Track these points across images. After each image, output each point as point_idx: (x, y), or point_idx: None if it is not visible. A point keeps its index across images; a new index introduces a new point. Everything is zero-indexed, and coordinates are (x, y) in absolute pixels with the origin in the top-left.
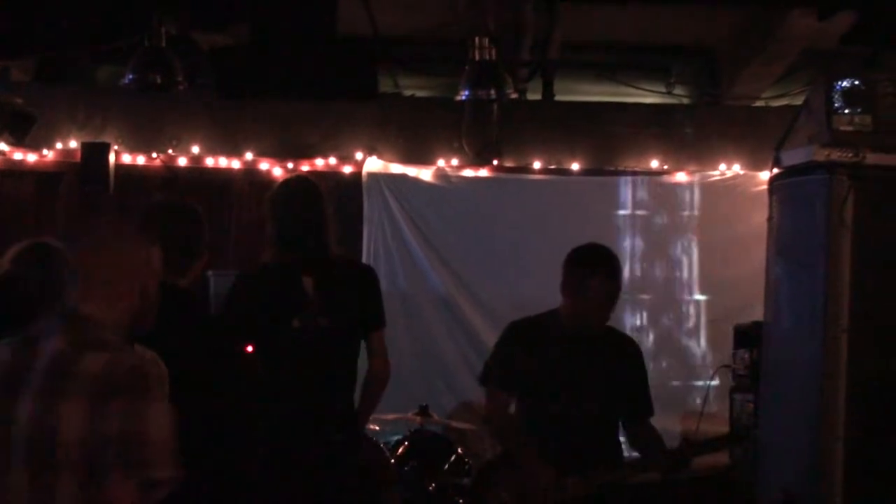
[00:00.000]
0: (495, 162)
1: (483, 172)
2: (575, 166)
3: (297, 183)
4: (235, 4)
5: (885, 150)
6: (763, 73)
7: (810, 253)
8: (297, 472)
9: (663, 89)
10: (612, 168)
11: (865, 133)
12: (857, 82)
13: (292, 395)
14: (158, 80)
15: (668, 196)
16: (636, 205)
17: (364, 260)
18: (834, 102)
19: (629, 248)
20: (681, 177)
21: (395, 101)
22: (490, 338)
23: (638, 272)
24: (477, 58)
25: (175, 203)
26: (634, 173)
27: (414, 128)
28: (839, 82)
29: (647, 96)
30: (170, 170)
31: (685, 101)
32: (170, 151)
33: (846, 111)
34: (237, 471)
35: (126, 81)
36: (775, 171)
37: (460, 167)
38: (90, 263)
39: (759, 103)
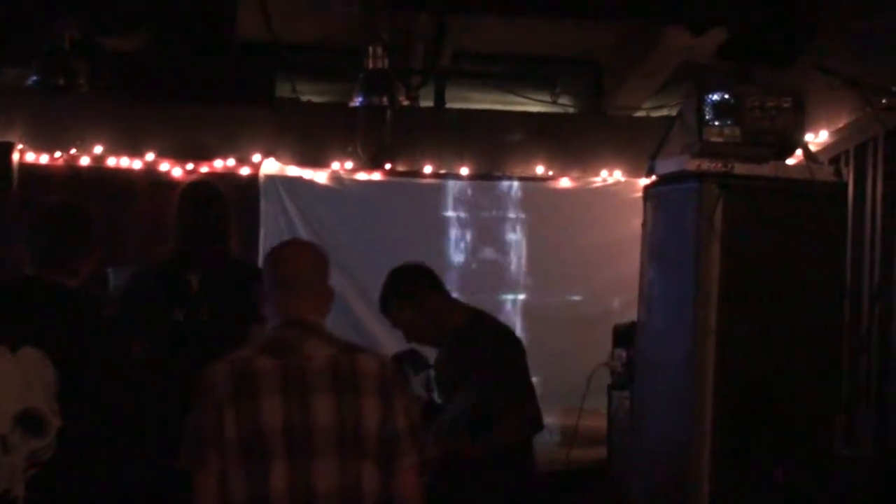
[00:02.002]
0: (388, 166)
1: (376, 176)
2: (464, 171)
3: (201, 185)
4: (137, 10)
5: (753, 160)
6: (643, 85)
7: (681, 258)
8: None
9: (550, 99)
10: (500, 174)
11: (734, 144)
12: (726, 96)
13: (174, 386)
14: (61, 82)
15: (551, 200)
16: (521, 208)
17: (260, 260)
18: (705, 115)
19: (516, 250)
20: (564, 182)
21: (292, 105)
22: (383, 338)
23: (523, 272)
24: (371, 66)
25: (65, 204)
26: (520, 179)
27: (310, 132)
28: (710, 95)
29: (535, 105)
30: (72, 169)
31: (570, 110)
32: (73, 151)
33: (716, 123)
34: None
35: (30, 82)
36: (650, 179)
37: (354, 170)
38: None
39: (639, 113)
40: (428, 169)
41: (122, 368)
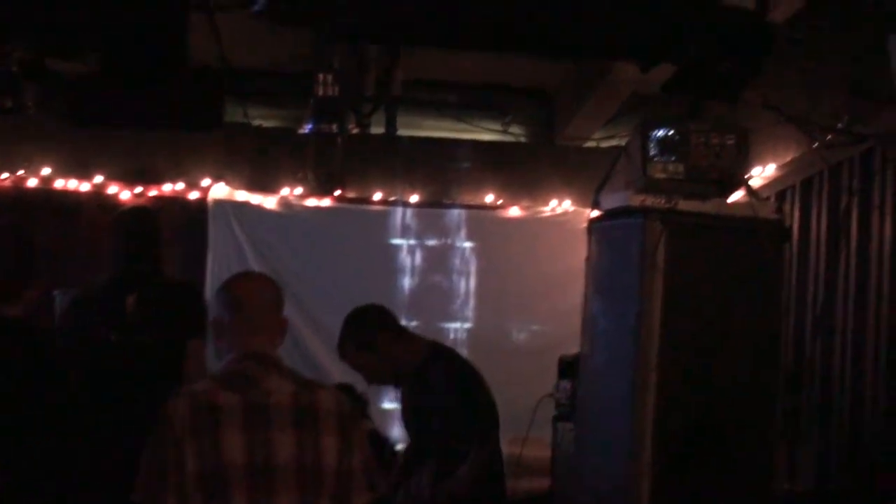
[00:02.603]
0: (338, 192)
1: (326, 202)
2: (414, 198)
3: (135, 210)
4: (86, 33)
5: (696, 196)
6: (594, 116)
7: (624, 293)
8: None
9: (501, 128)
10: (449, 201)
11: (678, 180)
12: (671, 132)
13: (111, 408)
14: (9, 104)
15: (501, 229)
16: (470, 237)
17: (208, 284)
18: (650, 150)
19: (464, 278)
20: (514, 211)
21: (243, 130)
22: (330, 364)
23: (471, 300)
24: (321, 93)
25: (3, 229)
26: (470, 207)
27: (260, 157)
28: (655, 131)
29: (486, 134)
30: (19, 190)
31: (522, 139)
32: (21, 172)
33: (661, 159)
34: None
35: None
36: (595, 213)
37: (304, 196)
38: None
39: (590, 143)
40: (378, 196)
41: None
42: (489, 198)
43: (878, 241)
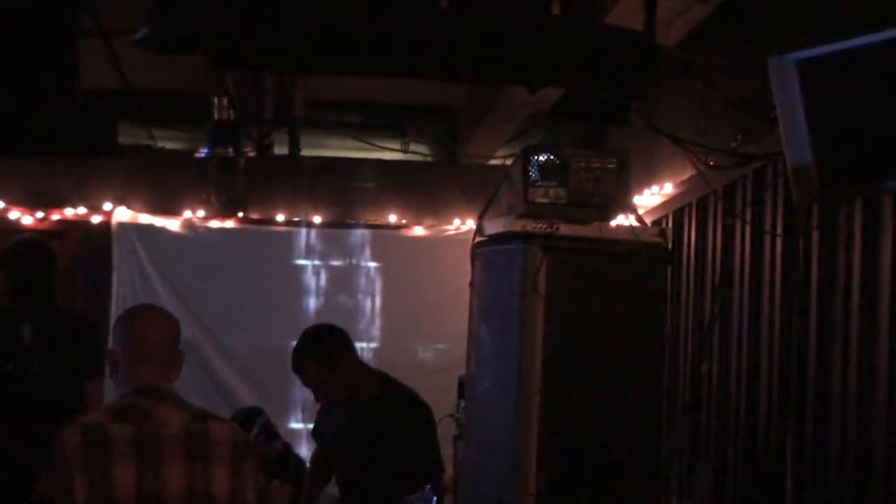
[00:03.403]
0: (241, 214)
1: (229, 223)
2: (317, 219)
3: (28, 241)
4: None
5: (577, 221)
6: (495, 134)
7: (507, 318)
8: None
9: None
10: (353, 221)
11: (559, 205)
12: (552, 157)
13: (6, 439)
14: None
15: (404, 248)
16: (374, 256)
17: (113, 308)
18: (531, 175)
19: (369, 298)
20: (418, 231)
21: (144, 152)
22: (234, 384)
23: (376, 320)
24: (217, 117)
25: None
26: (373, 227)
27: (162, 179)
28: (536, 156)
29: (390, 153)
30: None
31: (427, 158)
32: None
33: (542, 184)
34: None
35: None
36: (478, 238)
37: (207, 218)
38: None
39: (494, 161)
40: (281, 217)
41: None
42: (392, 217)
43: (769, 258)
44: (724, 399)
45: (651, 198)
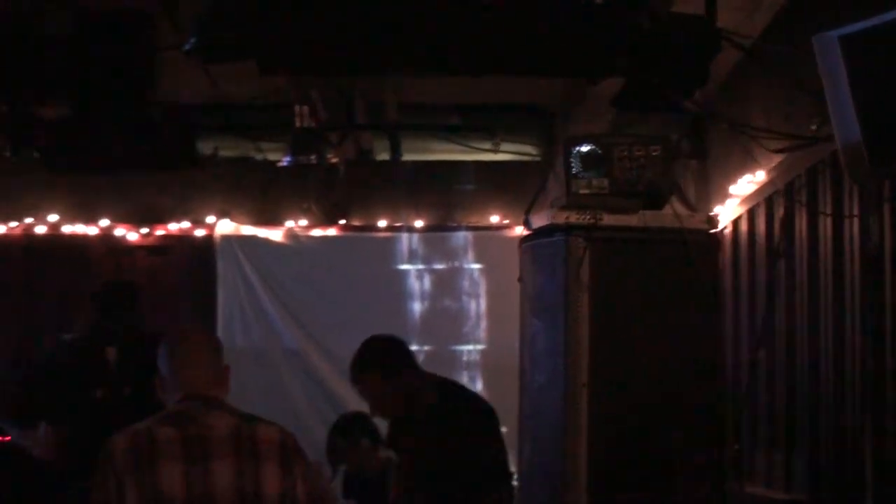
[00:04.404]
0: (343, 221)
1: (332, 231)
2: (419, 223)
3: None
4: (55, 78)
5: (622, 211)
6: (590, 130)
7: (554, 312)
8: None
9: (504, 147)
10: (455, 224)
11: (602, 195)
12: (594, 147)
13: None
14: None
15: (508, 249)
16: (477, 259)
17: (220, 320)
18: (573, 166)
19: (473, 300)
20: (520, 231)
21: (244, 164)
22: (341, 389)
23: (482, 325)
24: (298, 125)
25: None
26: (476, 228)
27: (264, 190)
28: (578, 147)
29: (488, 154)
30: (29, 238)
31: (526, 158)
32: (28, 220)
33: (584, 175)
34: None
35: None
36: (525, 232)
37: (309, 227)
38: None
39: None
40: (383, 222)
41: None
42: (494, 218)
43: (849, 242)
44: (793, 383)
45: (747, 186)
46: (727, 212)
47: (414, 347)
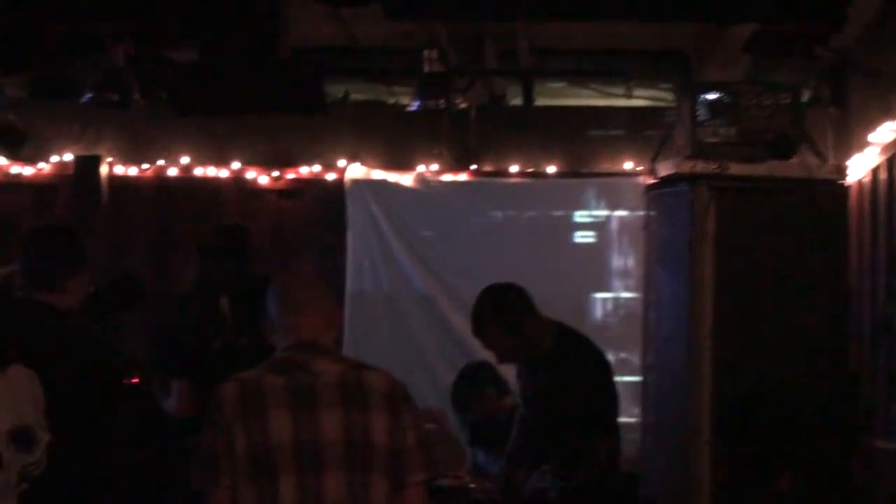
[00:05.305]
0: (474, 167)
1: (462, 177)
2: (551, 169)
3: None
4: (184, 23)
5: (748, 160)
6: (724, 75)
7: (678, 262)
8: None
9: (637, 93)
10: (587, 171)
11: (729, 144)
12: (721, 94)
13: None
14: (115, 98)
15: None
16: (611, 206)
17: (349, 264)
18: (698, 114)
19: (608, 249)
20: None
21: (375, 108)
22: (470, 336)
23: (614, 273)
24: (427, 69)
25: (50, 226)
26: (609, 175)
27: (394, 134)
28: (704, 94)
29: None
30: (161, 180)
31: (660, 103)
32: (160, 162)
33: (710, 123)
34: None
35: (84, 100)
36: (651, 180)
37: (440, 172)
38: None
39: None
40: (514, 168)
41: (107, 386)
42: (628, 164)
43: None
44: None
45: (888, 133)
46: (866, 160)
47: (542, 296)
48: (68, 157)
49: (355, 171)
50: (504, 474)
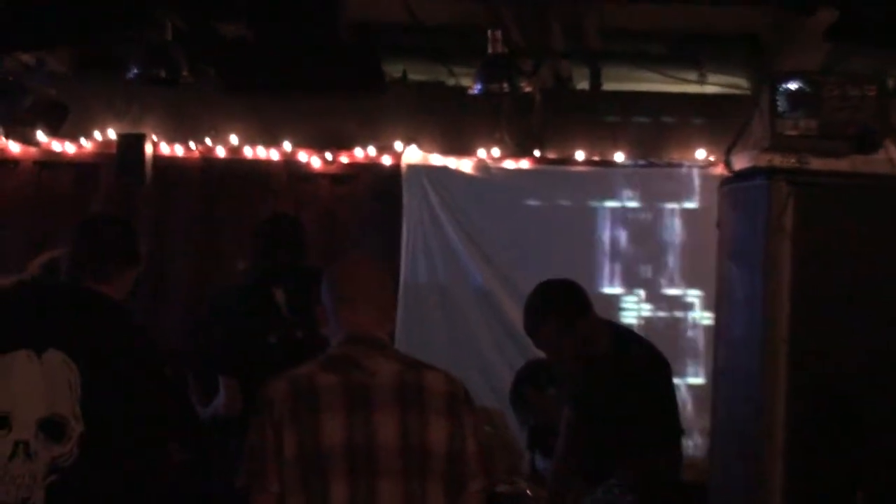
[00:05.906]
0: (537, 153)
1: (524, 164)
2: (619, 157)
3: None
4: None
5: (830, 154)
6: (804, 63)
7: (754, 260)
8: None
9: (712, 79)
10: (657, 160)
11: (810, 137)
12: (802, 84)
13: None
14: (163, 74)
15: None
16: (683, 197)
17: (403, 251)
18: (778, 105)
19: (676, 244)
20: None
21: (435, 89)
22: None
23: (687, 266)
24: (490, 50)
25: (100, 215)
26: (680, 165)
27: (453, 118)
28: (784, 84)
29: (696, 86)
30: (208, 161)
31: (735, 91)
32: (207, 142)
33: (791, 114)
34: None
35: (130, 76)
36: (725, 174)
37: (501, 158)
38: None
39: None
40: (580, 155)
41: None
42: (700, 154)
43: None
44: None
45: None
46: None
47: (608, 290)
48: (111, 134)
49: (412, 154)
50: (551, 489)
